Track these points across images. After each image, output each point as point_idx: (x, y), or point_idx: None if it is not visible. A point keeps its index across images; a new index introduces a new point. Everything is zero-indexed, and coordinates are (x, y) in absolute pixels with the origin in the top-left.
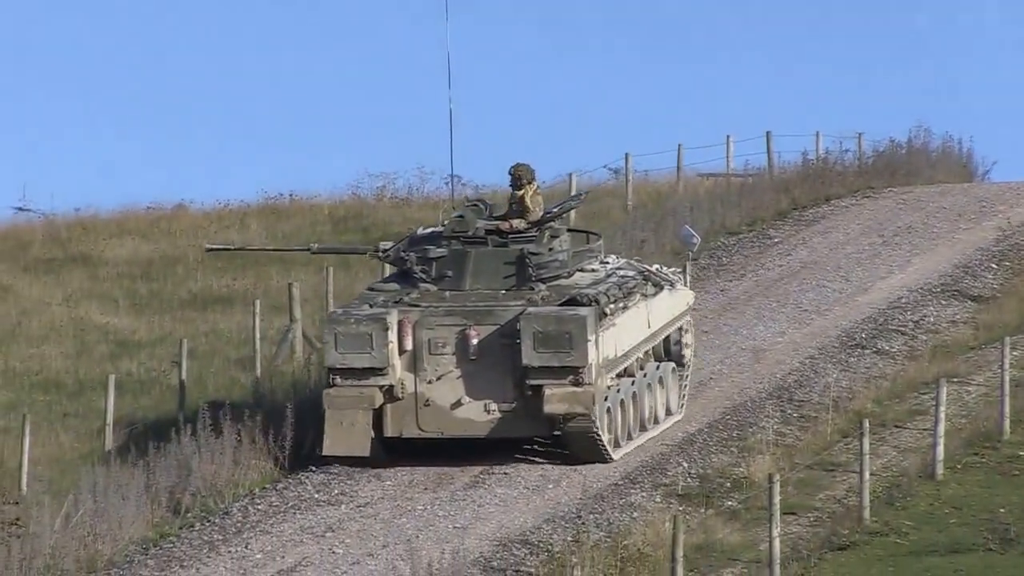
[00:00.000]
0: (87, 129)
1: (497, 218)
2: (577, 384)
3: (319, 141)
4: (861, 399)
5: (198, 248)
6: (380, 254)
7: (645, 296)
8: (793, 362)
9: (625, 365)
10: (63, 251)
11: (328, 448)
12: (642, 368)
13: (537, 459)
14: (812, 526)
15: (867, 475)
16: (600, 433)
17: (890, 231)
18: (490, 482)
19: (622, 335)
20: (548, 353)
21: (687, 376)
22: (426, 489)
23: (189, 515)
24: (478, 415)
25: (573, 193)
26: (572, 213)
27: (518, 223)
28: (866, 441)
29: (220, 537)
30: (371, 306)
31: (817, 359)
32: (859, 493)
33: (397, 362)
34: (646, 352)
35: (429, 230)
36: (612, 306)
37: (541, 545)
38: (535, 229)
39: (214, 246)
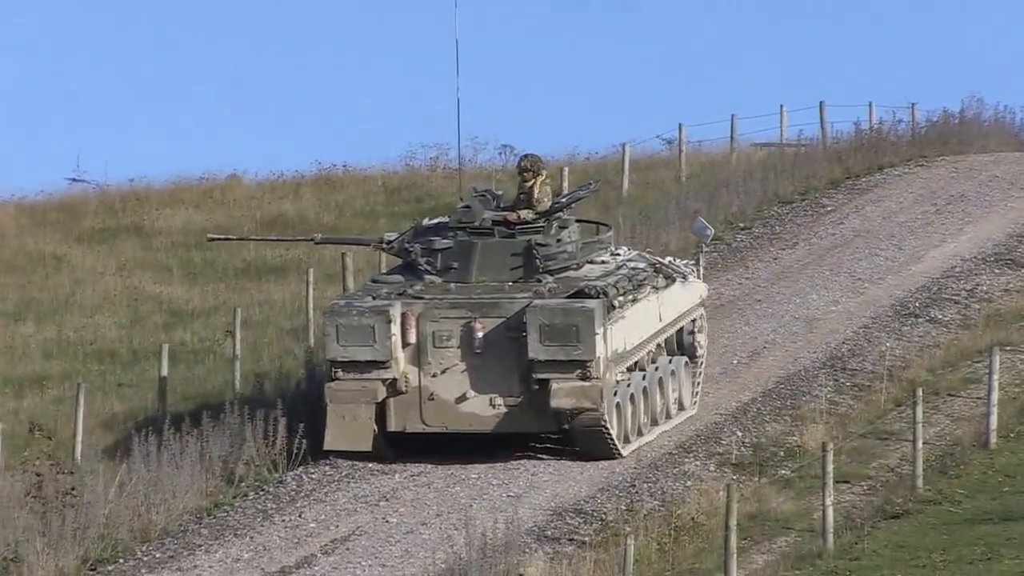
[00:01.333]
0: (141, 100)
1: (505, 209)
2: (585, 378)
3: (373, 112)
4: (914, 368)
5: (252, 218)
6: (384, 245)
7: (656, 288)
8: (846, 331)
9: (635, 359)
10: (116, 221)
11: (329, 443)
12: (654, 362)
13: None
14: (865, 495)
15: (920, 444)
16: (609, 428)
17: (943, 200)
18: (543, 451)
19: (631, 328)
20: (555, 346)
21: (700, 371)
22: (480, 458)
23: (243, 484)
24: (483, 410)
25: (584, 183)
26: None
27: (526, 214)
28: (919, 410)
29: (274, 506)
30: (374, 298)
31: (870, 328)
32: (912, 462)
33: (400, 355)
34: (658, 346)
35: (435, 221)
36: (621, 298)
37: (595, 514)
38: (543, 220)
39: (215, 236)
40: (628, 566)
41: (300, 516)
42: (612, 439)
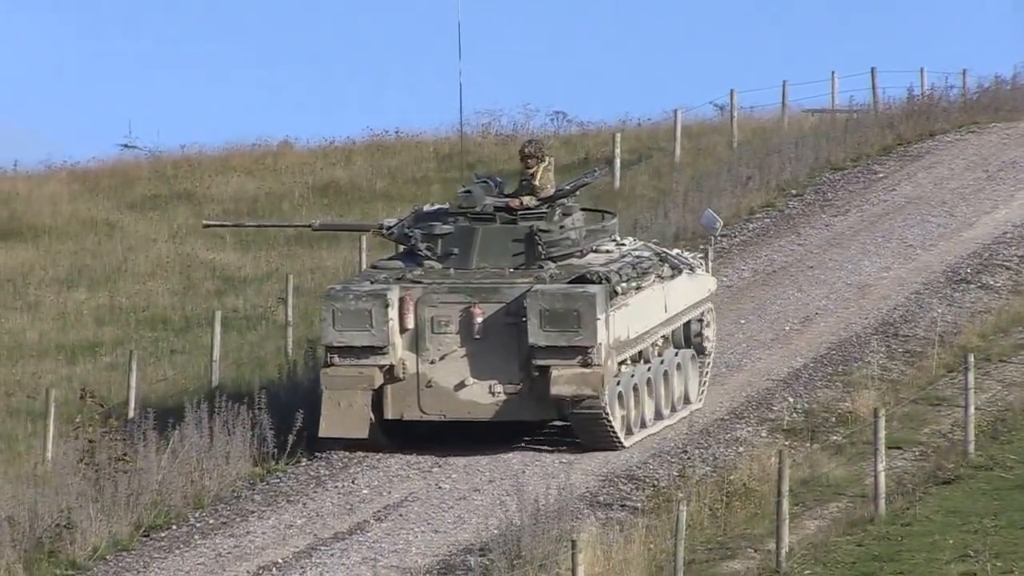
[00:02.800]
0: (193, 66)
1: (507, 195)
2: (586, 365)
3: (425, 78)
4: (966, 334)
5: (304, 185)
6: (384, 231)
7: (661, 278)
8: (898, 297)
9: (638, 349)
10: (169, 188)
11: (325, 430)
12: (660, 355)
13: None
14: (917, 460)
15: (972, 409)
16: (610, 417)
17: (995, 166)
18: None
19: (635, 317)
20: (555, 332)
21: (708, 365)
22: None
23: (296, 450)
24: (482, 397)
25: (589, 169)
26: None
27: (528, 200)
28: (971, 375)
29: (327, 472)
30: (372, 283)
31: (922, 294)
32: (964, 427)
33: (398, 341)
34: (664, 338)
35: (436, 206)
36: (624, 285)
37: (647, 480)
38: (546, 206)
39: (211, 222)
40: (680, 532)
41: (353, 482)
42: (613, 428)
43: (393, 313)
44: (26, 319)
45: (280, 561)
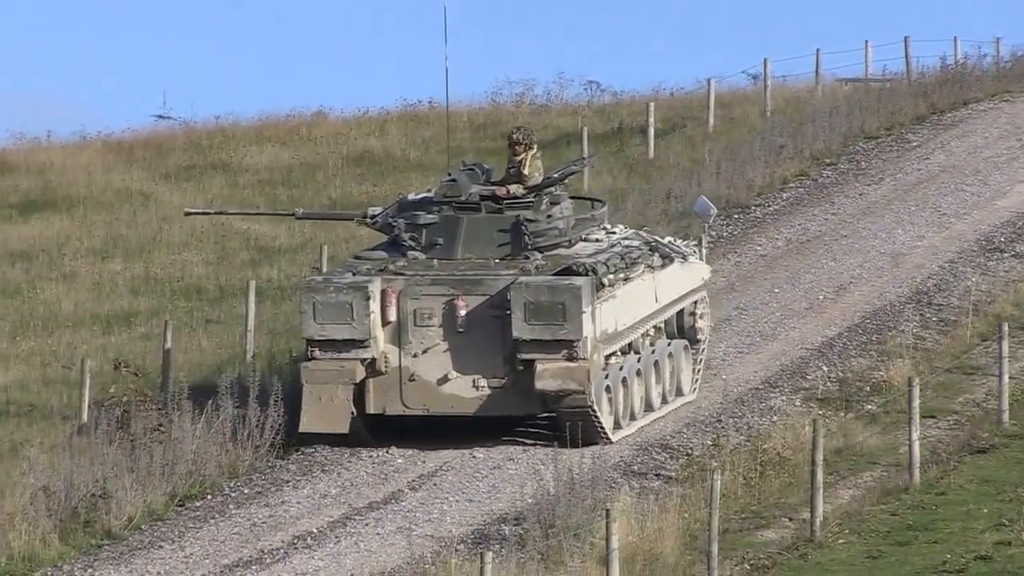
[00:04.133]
0: (227, 36)
1: (494, 183)
2: (571, 359)
3: (458, 47)
4: (1000, 302)
5: (338, 155)
6: (368, 220)
7: (651, 268)
8: (932, 266)
9: (627, 341)
10: (203, 158)
11: (305, 425)
12: (651, 345)
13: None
14: (951, 429)
15: (1006, 378)
16: (597, 412)
17: None
18: None
19: (623, 309)
20: (540, 325)
21: (702, 355)
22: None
23: None
24: (466, 391)
25: (576, 157)
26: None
27: (515, 189)
28: (1005, 344)
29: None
30: (354, 274)
31: (956, 263)
32: (998, 396)
33: (380, 334)
34: (657, 328)
35: (420, 195)
36: (611, 277)
37: (681, 449)
38: (533, 195)
39: (193, 210)
40: (714, 501)
41: (387, 452)
42: (600, 423)
43: (375, 306)
44: (61, 289)
45: (315, 530)
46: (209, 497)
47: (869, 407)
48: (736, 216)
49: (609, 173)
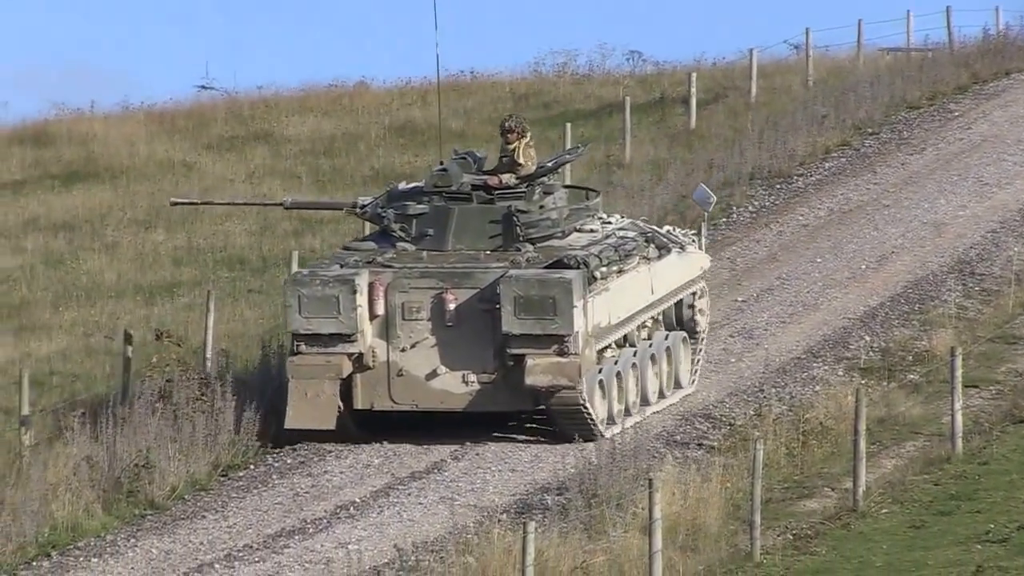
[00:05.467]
0: (269, 6)
1: (486, 173)
2: (562, 354)
3: (501, 17)
4: None
5: (380, 125)
6: (357, 210)
7: (647, 259)
8: (974, 236)
9: (621, 335)
10: (245, 129)
11: (291, 421)
12: (648, 338)
13: (719, 331)
14: (993, 399)
15: None
16: (588, 408)
17: None
18: None
19: (617, 301)
20: (530, 320)
21: (701, 347)
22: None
23: None
24: (455, 386)
25: (570, 146)
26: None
27: (508, 178)
28: None
29: None
30: (342, 266)
31: (998, 232)
32: None
33: (367, 328)
34: (654, 320)
35: (410, 185)
36: (604, 269)
37: (723, 419)
38: (526, 185)
39: (178, 200)
40: (757, 471)
41: (430, 421)
42: (592, 419)
43: (362, 299)
44: (104, 260)
45: (357, 500)
46: (252, 467)
47: (911, 377)
48: (778, 186)
49: (651, 143)
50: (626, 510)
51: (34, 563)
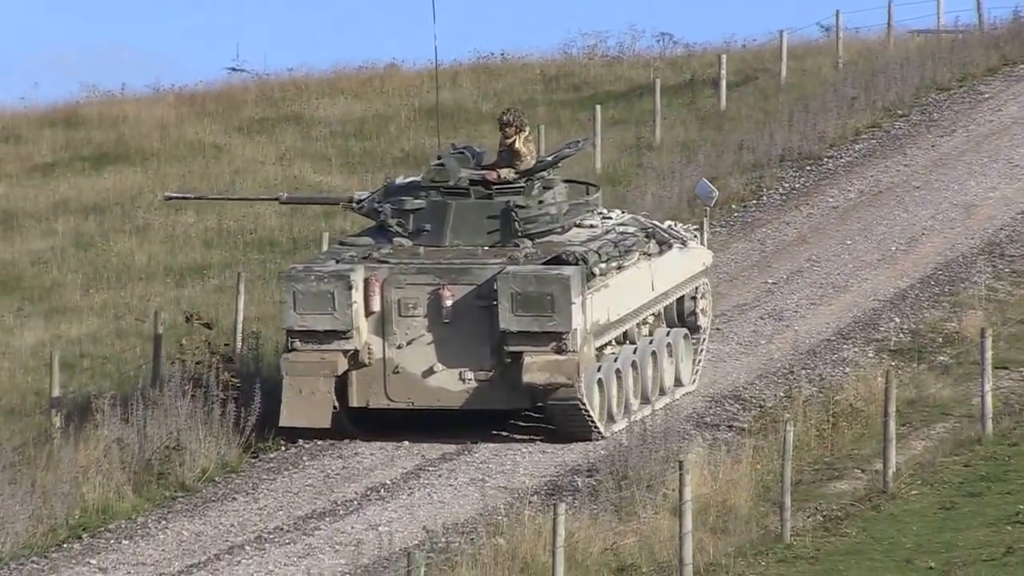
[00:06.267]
0: None
1: (484, 167)
2: (560, 352)
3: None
4: None
5: (411, 107)
6: (354, 205)
7: (648, 255)
8: (1004, 217)
9: (620, 332)
10: (276, 111)
11: (285, 419)
12: (649, 334)
13: (749, 312)
14: (1023, 381)
15: None
16: (586, 406)
17: None
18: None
19: (616, 298)
20: (528, 317)
21: (703, 343)
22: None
23: None
24: (452, 384)
25: (570, 140)
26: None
27: (506, 173)
28: None
29: None
30: (337, 262)
31: None
32: None
33: (363, 324)
34: (656, 316)
35: (408, 180)
36: (603, 265)
37: (753, 401)
38: (524, 179)
39: (173, 195)
40: (787, 452)
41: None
42: (590, 418)
43: (357, 295)
44: (135, 242)
45: (388, 482)
46: (283, 449)
47: (941, 358)
48: (808, 168)
49: (681, 125)
50: (656, 492)
51: (65, 545)
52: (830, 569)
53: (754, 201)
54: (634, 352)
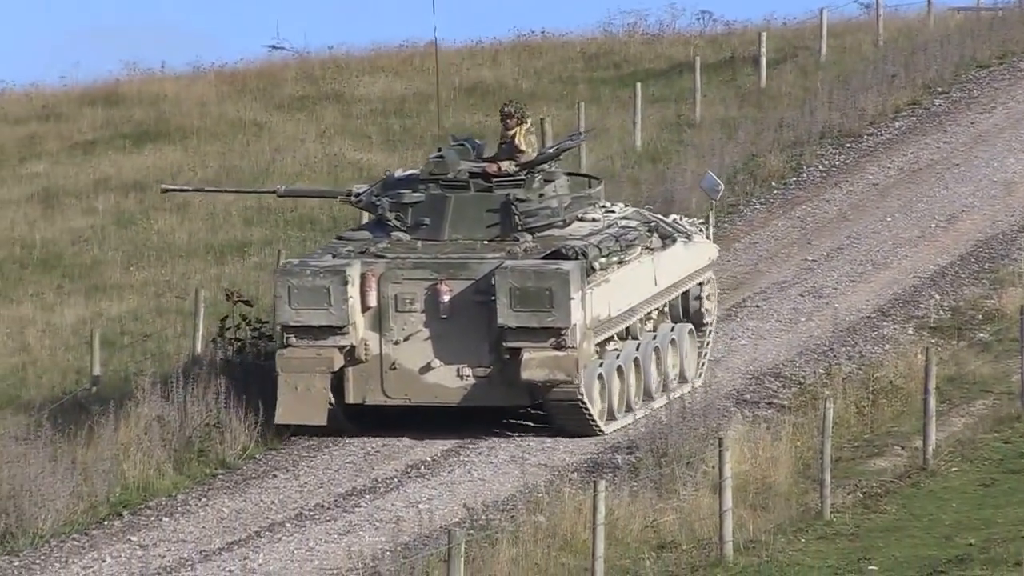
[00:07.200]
0: None
1: (485, 160)
2: (559, 348)
3: None
4: None
5: (451, 85)
6: (352, 199)
7: (650, 250)
8: None
9: (622, 327)
10: (316, 89)
11: (281, 416)
12: (653, 330)
13: (789, 290)
14: None
15: None
16: (586, 403)
17: None
18: (742, 315)
19: (618, 293)
20: (526, 312)
21: (708, 339)
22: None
23: None
24: (450, 381)
25: (572, 132)
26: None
27: (507, 166)
28: None
29: None
30: (334, 256)
31: None
32: None
33: (359, 320)
34: (660, 312)
35: (407, 173)
36: (604, 260)
37: (793, 378)
38: (525, 173)
39: (170, 187)
40: (827, 429)
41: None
42: (590, 415)
43: (353, 290)
44: (175, 220)
45: (428, 459)
46: (323, 426)
47: (981, 335)
48: (848, 145)
49: (721, 103)
50: (696, 469)
51: (105, 522)
52: (870, 546)
53: (794, 178)
54: (637, 349)
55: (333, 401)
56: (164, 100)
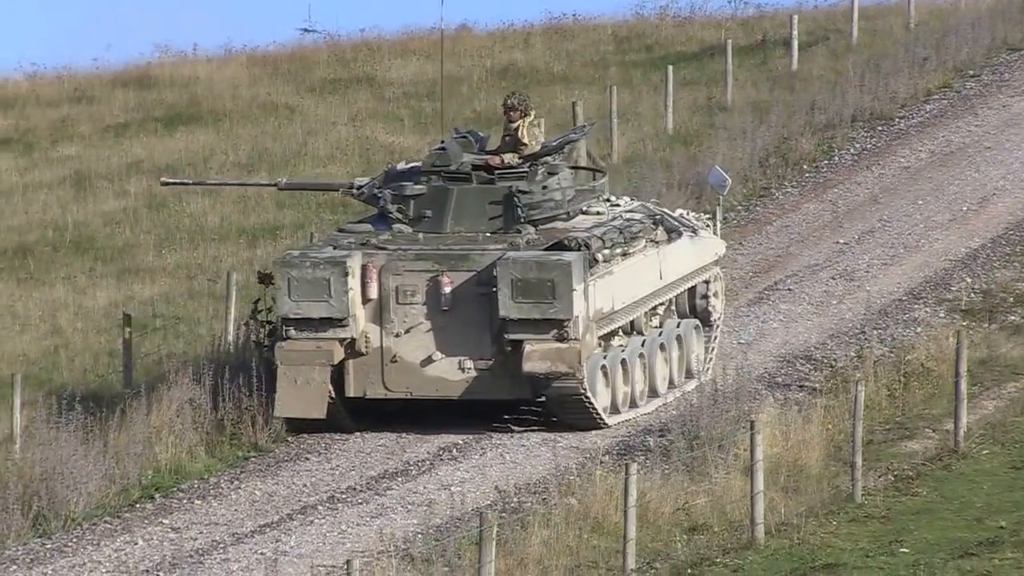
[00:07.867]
0: None
1: (488, 152)
2: (561, 340)
3: None
4: None
5: (482, 68)
6: (354, 191)
7: (655, 243)
8: None
9: (626, 321)
10: (348, 72)
11: (280, 409)
12: (659, 326)
13: (820, 273)
14: None
15: None
16: (589, 396)
17: None
18: (774, 298)
19: (621, 286)
20: (528, 304)
21: (714, 335)
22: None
23: None
24: (451, 373)
25: (578, 124)
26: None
27: (510, 158)
28: None
29: None
30: (334, 248)
31: None
32: None
33: (360, 312)
34: (666, 307)
35: (409, 165)
36: (607, 252)
37: (825, 361)
38: (528, 165)
39: (170, 180)
40: (858, 412)
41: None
42: (594, 408)
43: (354, 282)
44: (207, 203)
45: (460, 443)
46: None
47: (1013, 318)
48: (880, 128)
49: (753, 86)
50: (728, 452)
51: (137, 505)
52: (901, 528)
53: (825, 161)
54: (642, 344)
55: (333, 394)
56: (196, 83)
